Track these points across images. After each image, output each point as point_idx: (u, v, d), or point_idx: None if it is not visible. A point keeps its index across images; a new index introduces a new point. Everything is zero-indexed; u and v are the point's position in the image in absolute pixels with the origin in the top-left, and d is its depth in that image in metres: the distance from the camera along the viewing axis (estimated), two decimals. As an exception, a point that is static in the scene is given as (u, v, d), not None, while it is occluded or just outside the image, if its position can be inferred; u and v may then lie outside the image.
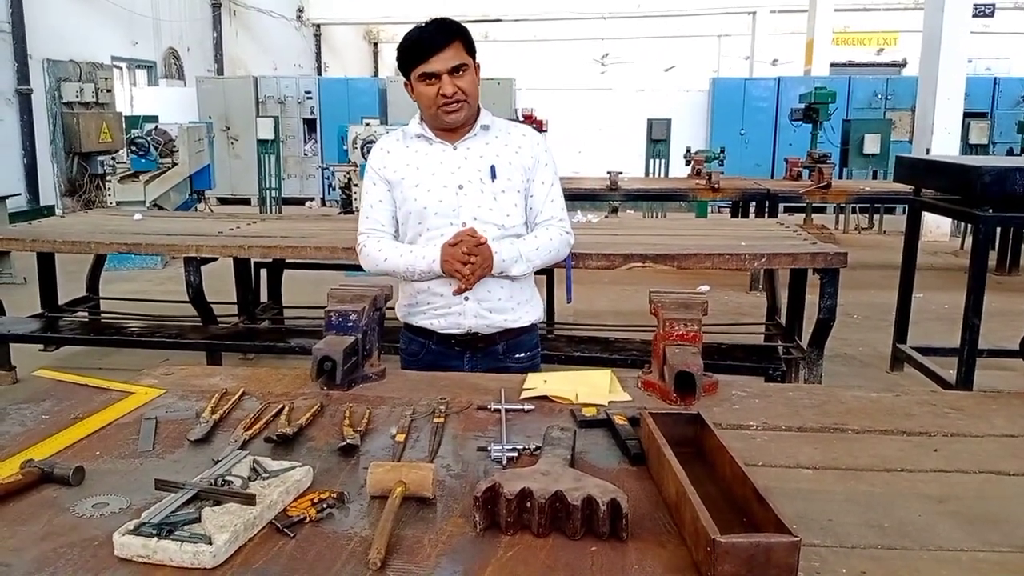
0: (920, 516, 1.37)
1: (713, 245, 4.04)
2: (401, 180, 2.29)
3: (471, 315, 2.29)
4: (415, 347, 2.40)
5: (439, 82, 2.15)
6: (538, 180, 2.34)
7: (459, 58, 2.16)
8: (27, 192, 11.30)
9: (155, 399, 1.89)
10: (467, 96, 2.18)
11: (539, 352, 2.49)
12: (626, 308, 6.19)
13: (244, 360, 5.24)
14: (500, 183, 2.27)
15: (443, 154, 2.29)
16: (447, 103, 2.17)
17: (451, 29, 2.17)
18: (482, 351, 2.35)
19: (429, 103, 2.19)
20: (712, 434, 1.50)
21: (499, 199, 2.27)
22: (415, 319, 2.37)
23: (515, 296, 2.33)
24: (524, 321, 2.37)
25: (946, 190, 4.79)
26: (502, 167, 2.28)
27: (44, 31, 11.60)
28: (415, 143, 2.32)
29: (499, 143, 2.30)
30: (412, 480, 1.37)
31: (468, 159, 2.27)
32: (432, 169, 2.27)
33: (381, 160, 2.34)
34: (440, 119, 2.22)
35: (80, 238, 4.49)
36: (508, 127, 2.37)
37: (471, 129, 2.28)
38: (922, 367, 4.76)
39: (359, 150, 7.93)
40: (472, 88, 2.20)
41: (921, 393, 2.05)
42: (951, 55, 9.56)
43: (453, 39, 2.15)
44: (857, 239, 10.38)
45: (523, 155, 2.31)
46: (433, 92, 2.16)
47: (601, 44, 23.17)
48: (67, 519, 1.32)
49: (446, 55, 2.14)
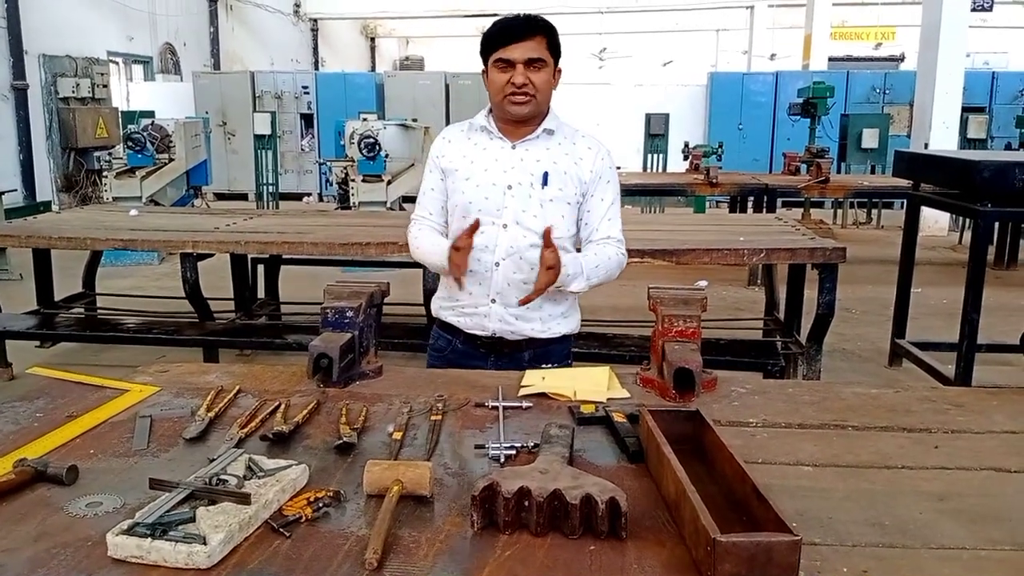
0: (921, 514, 1.37)
1: (711, 240, 4.03)
2: (455, 171, 2.26)
3: (496, 319, 2.25)
4: (442, 343, 2.38)
5: (513, 70, 2.12)
6: (597, 196, 2.27)
7: (538, 52, 2.12)
8: (23, 188, 11.28)
9: (150, 397, 1.88)
10: (537, 91, 2.14)
11: (570, 364, 2.36)
12: (624, 303, 6.17)
13: (241, 356, 5.22)
14: (550, 191, 2.20)
15: (500, 151, 2.24)
16: (515, 93, 2.13)
17: (538, 24, 2.14)
18: (507, 356, 2.29)
19: (498, 90, 2.15)
20: (711, 431, 1.49)
21: (546, 207, 2.20)
22: (445, 315, 2.35)
23: (545, 308, 2.27)
24: (553, 333, 2.30)
25: (945, 185, 4.78)
26: (556, 175, 2.21)
27: (40, 26, 11.55)
28: (476, 135, 2.28)
29: (560, 150, 2.24)
30: (409, 479, 1.36)
31: (524, 160, 2.22)
32: (485, 165, 2.23)
33: (441, 149, 2.31)
34: (505, 109, 2.18)
35: (76, 234, 4.47)
36: (575, 136, 2.30)
37: (534, 131, 2.23)
38: (921, 362, 4.76)
39: (356, 145, 7.92)
40: (544, 86, 2.16)
41: (921, 389, 2.04)
42: (949, 49, 9.54)
43: (537, 33, 2.13)
44: (855, 234, 10.37)
45: (583, 167, 2.24)
46: (504, 79, 2.13)
47: (599, 39, 23.12)
48: (61, 519, 1.31)
49: (526, 45, 2.11)
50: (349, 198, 8.11)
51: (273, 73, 14.96)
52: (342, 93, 14.09)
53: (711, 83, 14.33)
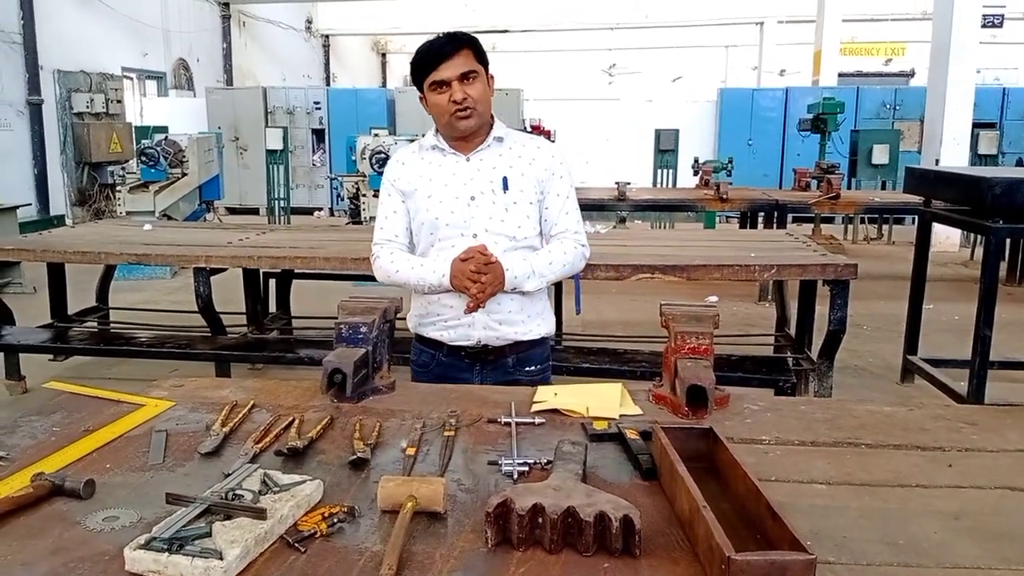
0: (936, 533, 1.36)
1: (722, 256, 4.03)
2: (415, 191, 2.30)
3: (480, 327, 2.28)
4: (425, 358, 2.40)
5: (450, 89, 2.17)
6: (553, 192, 2.33)
7: (468, 65, 2.18)
8: (37, 202, 11.36)
9: (165, 411, 1.89)
10: (476, 102, 2.19)
11: (550, 365, 2.48)
12: (635, 319, 6.18)
13: (253, 371, 5.24)
14: (512, 194, 2.27)
15: (456, 165, 2.29)
16: (458, 109, 2.18)
17: (460, 38, 2.20)
18: (492, 364, 2.34)
19: (442, 112, 2.20)
20: (725, 449, 1.49)
21: (511, 210, 2.26)
22: (425, 330, 2.37)
23: (526, 309, 2.33)
24: (535, 334, 2.36)
25: (956, 201, 4.77)
26: (515, 178, 2.27)
27: (55, 42, 11.67)
28: (429, 154, 2.33)
29: (512, 154, 2.30)
30: (423, 495, 1.36)
31: (481, 170, 2.28)
32: (445, 180, 2.28)
33: (396, 172, 2.36)
34: (453, 127, 2.23)
35: (90, 248, 4.51)
36: (523, 139, 2.37)
37: (484, 140, 2.29)
38: (933, 379, 4.73)
39: (367, 160, 7.96)
40: (483, 96, 2.21)
41: (934, 407, 2.03)
42: (960, 65, 9.54)
43: (462, 47, 2.18)
44: (866, 249, 10.34)
45: (536, 166, 2.31)
46: (445, 100, 2.18)
47: (608, 55, 23.22)
48: (78, 533, 1.32)
49: (455, 62, 2.16)
50: (360, 213, 8.15)
51: (285, 89, 15.07)
52: (353, 108, 14.17)
53: (721, 99, 14.35)
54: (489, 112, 2.28)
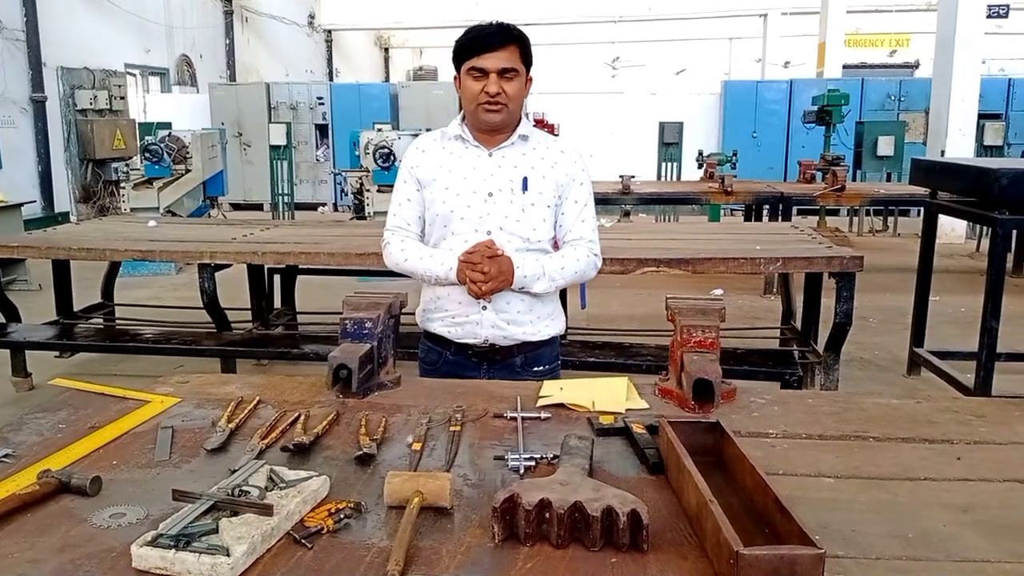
0: (945, 526, 1.36)
1: (728, 249, 4.02)
2: (432, 181, 2.28)
3: (488, 325, 2.27)
4: (433, 356, 2.39)
5: (486, 79, 2.15)
6: (571, 198, 2.30)
7: (511, 62, 2.15)
8: (42, 199, 11.37)
9: (171, 408, 1.89)
10: (509, 100, 2.17)
11: (559, 365, 2.46)
12: (640, 312, 6.17)
13: (258, 366, 5.24)
14: (531, 195, 2.24)
15: (477, 159, 2.27)
16: (489, 102, 2.16)
17: (511, 33, 2.17)
18: (500, 363, 2.32)
19: (471, 98, 2.18)
20: (732, 443, 1.49)
21: (528, 211, 2.24)
22: (432, 325, 2.36)
23: (535, 310, 2.31)
24: (543, 335, 2.34)
25: (962, 193, 4.76)
26: (535, 180, 2.25)
27: (58, 39, 11.67)
28: (451, 144, 2.30)
29: (536, 155, 2.28)
30: (429, 490, 1.36)
31: (502, 167, 2.25)
32: (464, 173, 2.26)
33: (415, 159, 2.33)
34: (479, 117, 2.20)
35: (95, 245, 4.51)
36: (548, 140, 2.34)
37: (509, 137, 2.26)
38: (940, 371, 4.72)
39: (371, 156, 7.96)
40: (517, 95, 2.19)
41: (942, 400, 2.02)
42: (965, 56, 9.49)
43: (511, 42, 2.16)
44: (871, 241, 10.31)
45: (558, 170, 2.28)
46: (478, 88, 2.16)
47: (612, 48, 23.17)
48: (84, 530, 1.32)
49: (500, 55, 2.14)
50: (364, 208, 8.15)
51: (288, 84, 15.04)
52: (356, 103, 14.15)
53: (725, 91, 14.31)
54: (519, 111, 2.25)
